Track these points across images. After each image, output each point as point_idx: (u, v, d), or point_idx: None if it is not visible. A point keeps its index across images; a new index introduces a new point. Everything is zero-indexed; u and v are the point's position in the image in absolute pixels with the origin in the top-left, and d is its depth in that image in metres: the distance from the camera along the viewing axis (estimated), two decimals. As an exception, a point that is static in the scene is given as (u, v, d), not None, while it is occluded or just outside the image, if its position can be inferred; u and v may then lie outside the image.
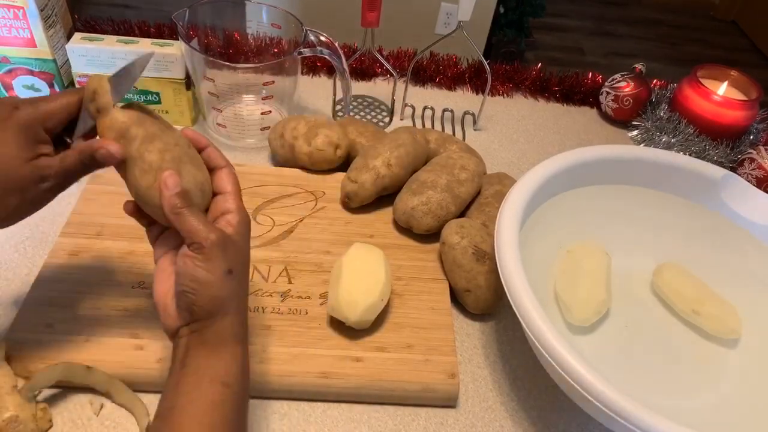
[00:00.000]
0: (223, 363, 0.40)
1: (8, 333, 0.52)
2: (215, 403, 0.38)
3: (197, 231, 0.40)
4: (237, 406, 0.40)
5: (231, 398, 0.39)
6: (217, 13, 0.78)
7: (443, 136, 0.76)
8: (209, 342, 0.40)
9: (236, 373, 0.41)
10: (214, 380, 0.39)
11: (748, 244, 0.63)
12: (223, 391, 0.39)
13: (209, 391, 0.39)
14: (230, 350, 0.41)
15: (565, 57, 2.73)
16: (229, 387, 0.39)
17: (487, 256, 0.60)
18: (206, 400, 0.38)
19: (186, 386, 0.39)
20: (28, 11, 0.67)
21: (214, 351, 0.40)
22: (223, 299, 0.41)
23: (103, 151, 0.41)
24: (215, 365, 0.40)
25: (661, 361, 0.59)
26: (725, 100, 0.86)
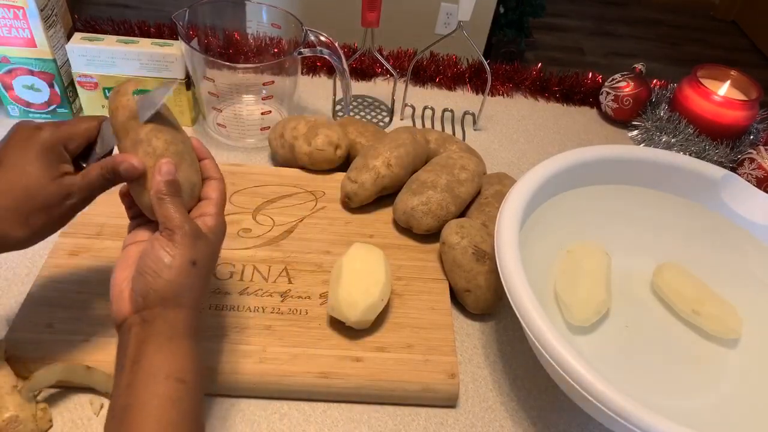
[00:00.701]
0: (177, 359, 0.39)
1: (8, 333, 0.52)
2: (172, 400, 0.38)
3: (173, 218, 0.42)
4: (194, 402, 0.39)
5: (187, 394, 0.39)
6: (217, 13, 0.78)
7: (443, 136, 0.76)
8: (161, 334, 0.40)
9: (191, 369, 0.40)
10: (169, 376, 0.38)
11: (748, 244, 0.63)
12: (179, 387, 0.38)
13: (165, 388, 0.38)
14: (183, 345, 0.40)
15: (565, 57, 2.73)
16: (184, 383, 0.39)
17: (487, 256, 0.60)
18: (163, 397, 0.37)
19: (140, 383, 0.38)
20: (28, 11, 0.67)
21: (167, 345, 0.39)
22: (181, 288, 0.41)
23: (126, 165, 0.42)
24: (169, 360, 0.39)
25: (661, 361, 0.59)
26: (725, 100, 0.86)
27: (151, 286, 0.40)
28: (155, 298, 0.40)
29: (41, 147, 0.42)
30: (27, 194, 0.41)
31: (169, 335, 0.40)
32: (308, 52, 0.74)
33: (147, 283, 0.40)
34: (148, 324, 0.40)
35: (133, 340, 0.40)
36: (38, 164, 0.41)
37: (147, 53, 0.72)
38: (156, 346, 0.39)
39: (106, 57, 0.72)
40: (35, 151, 0.42)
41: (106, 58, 0.72)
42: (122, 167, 0.42)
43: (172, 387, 0.38)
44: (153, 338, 0.39)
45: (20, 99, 0.75)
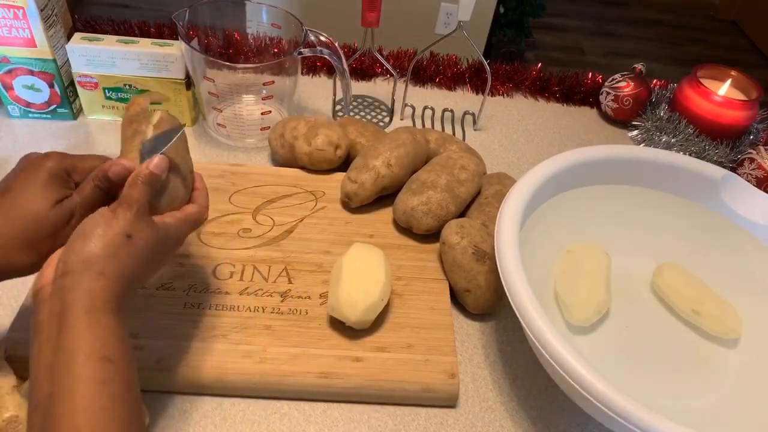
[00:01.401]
0: (98, 334, 0.36)
1: (8, 333, 0.52)
2: (100, 383, 0.34)
3: (130, 196, 0.41)
4: (125, 384, 0.36)
5: (117, 375, 0.35)
6: (217, 13, 0.78)
7: (443, 136, 0.76)
8: (78, 303, 0.36)
9: (114, 345, 0.36)
10: (92, 355, 0.35)
11: (748, 244, 0.63)
12: (106, 368, 0.35)
13: (89, 370, 0.34)
14: (104, 319, 0.37)
15: (565, 57, 2.73)
16: (111, 362, 0.35)
17: (487, 256, 0.60)
18: (89, 380, 0.34)
19: (62, 365, 0.34)
20: (28, 11, 0.67)
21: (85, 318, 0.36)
22: (106, 257, 0.38)
23: (115, 168, 0.43)
24: (89, 336, 0.35)
25: (661, 361, 0.59)
26: (725, 100, 0.86)
27: (75, 248, 0.38)
28: (76, 261, 0.37)
29: (47, 174, 0.43)
30: (35, 222, 0.42)
31: (87, 306, 0.36)
32: (308, 52, 0.74)
33: (72, 247, 0.38)
34: (64, 291, 0.37)
35: (48, 311, 0.37)
36: (44, 191, 0.42)
37: (147, 53, 0.72)
38: (73, 317, 0.36)
39: (106, 57, 0.72)
40: (41, 178, 0.43)
41: (106, 58, 0.72)
42: (111, 171, 0.43)
43: (98, 367, 0.35)
44: (70, 309, 0.36)
45: (20, 99, 0.75)
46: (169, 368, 0.51)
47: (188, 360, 0.52)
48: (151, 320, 0.54)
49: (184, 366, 0.51)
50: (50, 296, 0.37)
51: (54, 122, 0.78)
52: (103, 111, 0.78)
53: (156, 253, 0.42)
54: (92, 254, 0.38)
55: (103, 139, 0.77)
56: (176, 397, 0.52)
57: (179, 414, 0.51)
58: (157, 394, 0.51)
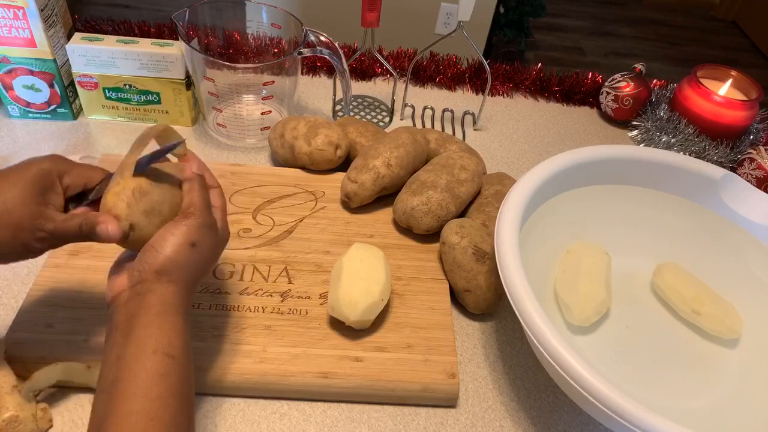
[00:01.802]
0: (166, 333, 0.40)
1: (8, 333, 0.52)
2: (161, 375, 0.38)
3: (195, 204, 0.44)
4: (182, 378, 0.40)
5: (176, 370, 0.39)
6: (217, 13, 0.78)
7: (443, 136, 0.76)
8: (152, 307, 0.40)
9: (179, 344, 0.40)
10: (157, 351, 0.39)
11: (747, 244, 0.63)
12: (167, 362, 0.39)
13: (153, 363, 0.38)
14: (172, 320, 0.41)
15: (565, 57, 2.73)
16: (173, 358, 0.39)
17: (487, 256, 0.60)
18: (151, 371, 0.38)
19: (130, 357, 0.38)
20: (28, 11, 0.67)
21: (156, 319, 0.40)
22: (176, 265, 0.42)
23: (103, 227, 0.42)
24: (157, 336, 0.40)
25: (661, 361, 0.59)
26: (725, 100, 0.86)
27: (148, 259, 0.42)
28: (150, 272, 0.41)
29: (39, 170, 0.42)
30: (5, 207, 0.40)
31: (159, 309, 0.40)
32: (308, 52, 0.74)
33: (145, 258, 0.42)
34: (140, 297, 0.41)
35: (124, 314, 0.41)
36: (26, 185, 0.41)
37: (147, 53, 0.72)
38: (146, 319, 0.40)
39: (106, 57, 0.72)
40: (30, 173, 0.42)
41: (106, 58, 0.72)
42: (99, 228, 0.42)
43: (161, 361, 0.39)
44: (143, 311, 0.40)
45: (20, 99, 0.75)
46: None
47: (188, 360, 0.52)
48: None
49: (184, 366, 0.51)
50: (127, 301, 0.41)
51: (54, 122, 0.78)
52: (103, 111, 0.78)
53: (215, 253, 0.46)
54: (163, 264, 0.42)
55: (103, 139, 0.77)
56: (176, 397, 0.52)
57: (179, 414, 0.51)
58: (157, 394, 0.51)
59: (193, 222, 0.43)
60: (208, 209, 0.45)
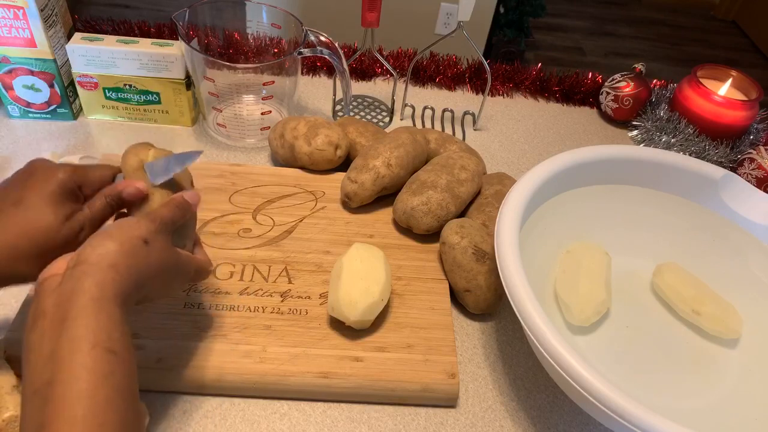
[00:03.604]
0: (103, 325, 0.36)
1: (8, 333, 0.52)
2: (104, 374, 0.34)
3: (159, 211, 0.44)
4: (127, 378, 0.36)
5: (120, 368, 0.35)
6: (217, 13, 0.78)
7: (443, 136, 0.76)
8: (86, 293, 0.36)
9: (119, 338, 0.36)
10: (97, 346, 0.35)
11: (747, 244, 0.63)
12: (110, 359, 0.35)
13: (94, 360, 0.34)
14: (110, 310, 0.36)
15: (565, 57, 2.73)
16: (115, 354, 0.35)
17: (487, 256, 0.60)
18: (93, 370, 0.34)
19: (64, 354, 0.34)
20: (28, 11, 0.67)
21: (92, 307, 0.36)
22: (122, 253, 0.39)
23: (130, 189, 0.45)
24: (94, 328, 0.35)
25: (661, 361, 0.59)
26: (725, 100, 0.86)
27: (93, 243, 0.39)
28: (90, 254, 0.38)
29: (59, 188, 0.43)
30: (46, 237, 0.42)
31: (95, 296, 0.36)
32: (308, 52, 0.74)
33: (92, 241, 0.39)
34: (74, 280, 0.37)
35: (54, 298, 0.37)
36: (55, 207, 0.43)
37: (147, 53, 0.72)
38: (81, 308, 0.36)
39: (106, 57, 0.72)
40: (53, 192, 0.43)
41: (106, 58, 0.72)
42: (126, 191, 0.45)
43: (102, 359, 0.35)
44: (77, 297, 0.36)
45: (20, 99, 0.75)
46: (169, 368, 0.51)
47: (188, 360, 0.52)
48: (151, 320, 0.54)
49: (184, 366, 0.51)
50: (59, 285, 0.37)
51: (54, 122, 0.78)
52: (103, 111, 0.78)
53: (166, 272, 0.43)
54: (107, 249, 0.38)
55: (103, 139, 0.77)
56: (176, 397, 0.52)
57: (179, 414, 0.51)
58: (157, 394, 0.51)
59: (151, 226, 0.42)
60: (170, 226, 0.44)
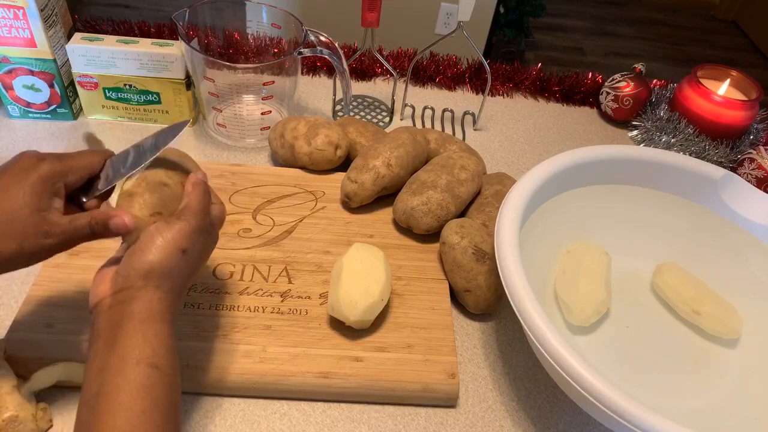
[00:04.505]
0: (150, 343, 0.38)
1: (8, 333, 0.52)
2: (145, 387, 0.37)
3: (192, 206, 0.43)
4: (168, 389, 0.38)
5: (161, 380, 0.38)
6: (217, 13, 0.78)
7: (443, 136, 0.76)
8: (135, 315, 0.39)
9: (164, 354, 0.39)
10: (140, 361, 0.37)
11: (747, 244, 0.63)
12: (152, 374, 0.37)
13: (136, 374, 0.37)
14: (157, 329, 0.39)
15: (565, 57, 2.73)
16: (158, 369, 0.38)
17: (487, 256, 0.60)
18: (134, 384, 0.36)
19: (112, 368, 0.37)
20: (28, 11, 0.67)
21: (140, 328, 0.38)
22: (162, 271, 0.40)
23: (117, 220, 0.42)
24: (141, 345, 0.38)
25: (661, 361, 0.59)
26: (725, 100, 0.86)
27: (135, 264, 0.40)
28: (136, 277, 0.40)
29: (38, 177, 0.41)
30: (6, 219, 0.40)
31: (143, 317, 0.39)
32: (308, 52, 0.74)
33: (132, 262, 0.40)
34: (123, 304, 0.39)
35: (106, 322, 0.39)
36: (28, 193, 0.40)
37: (147, 53, 0.72)
38: (130, 327, 0.38)
39: (106, 57, 0.72)
40: (31, 180, 0.41)
41: (106, 58, 0.72)
42: (113, 222, 0.42)
43: (144, 373, 0.37)
44: (126, 319, 0.38)
45: (20, 99, 0.75)
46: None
47: (188, 360, 0.52)
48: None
49: (184, 366, 0.51)
50: (109, 308, 0.39)
51: (54, 122, 0.78)
52: (103, 111, 0.78)
53: (203, 258, 0.45)
54: (151, 270, 0.40)
55: (103, 140, 0.77)
56: (176, 397, 0.52)
57: (179, 414, 0.51)
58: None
59: (185, 226, 0.42)
60: (204, 214, 0.44)
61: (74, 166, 0.44)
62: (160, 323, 0.40)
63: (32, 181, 0.41)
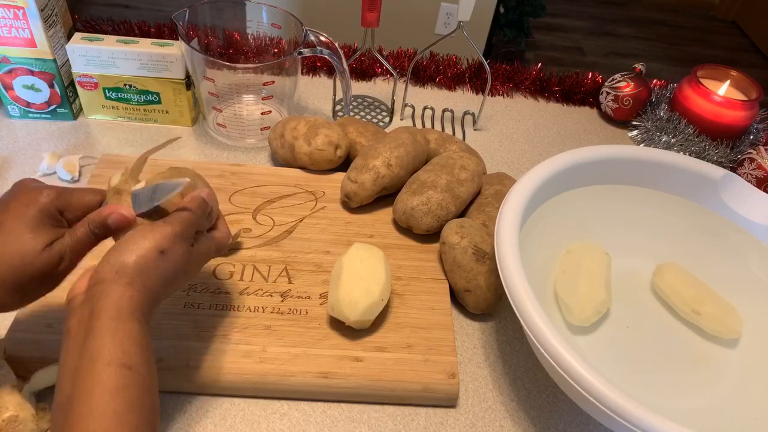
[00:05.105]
0: (120, 342, 0.37)
1: (8, 333, 0.52)
2: (117, 389, 0.36)
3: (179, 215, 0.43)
4: (142, 389, 0.37)
5: (134, 381, 0.37)
6: (217, 13, 0.78)
7: (443, 136, 0.76)
8: (105, 312, 0.38)
9: (136, 353, 0.38)
10: (112, 362, 0.36)
11: (747, 244, 0.63)
12: (124, 374, 0.36)
13: (109, 375, 0.36)
14: (128, 327, 0.38)
15: (565, 57, 2.73)
16: (130, 369, 0.37)
17: (487, 256, 0.60)
18: (107, 385, 0.36)
19: (83, 371, 0.36)
20: (28, 11, 0.67)
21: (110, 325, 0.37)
22: (138, 268, 0.40)
23: (115, 216, 0.42)
24: (110, 345, 0.37)
25: (661, 361, 0.59)
26: (725, 100, 0.86)
27: (109, 258, 0.40)
28: (108, 271, 0.39)
29: (39, 212, 0.41)
30: (23, 263, 0.40)
31: (113, 314, 0.38)
32: (308, 52, 0.74)
33: (109, 257, 0.40)
34: (94, 299, 0.38)
35: (77, 318, 0.38)
36: (34, 233, 0.41)
37: (147, 53, 0.72)
38: (99, 324, 0.37)
39: (106, 57, 0.72)
40: (33, 217, 0.41)
41: (106, 58, 0.72)
42: (111, 218, 0.42)
43: (116, 374, 0.36)
44: (95, 316, 0.38)
45: (20, 99, 0.75)
46: (169, 368, 0.51)
47: (188, 360, 0.52)
48: (151, 320, 0.54)
49: (184, 366, 0.51)
50: (81, 304, 0.39)
51: (54, 122, 0.78)
52: (103, 111, 0.78)
53: (185, 271, 0.44)
54: (124, 265, 0.39)
55: (102, 140, 0.77)
56: (176, 397, 0.52)
57: (179, 414, 0.51)
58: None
59: (167, 229, 0.41)
60: (191, 225, 0.43)
61: (73, 204, 0.44)
62: (131, 321, 0.38)
63: (35, 217, 0.41)
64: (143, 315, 0.40)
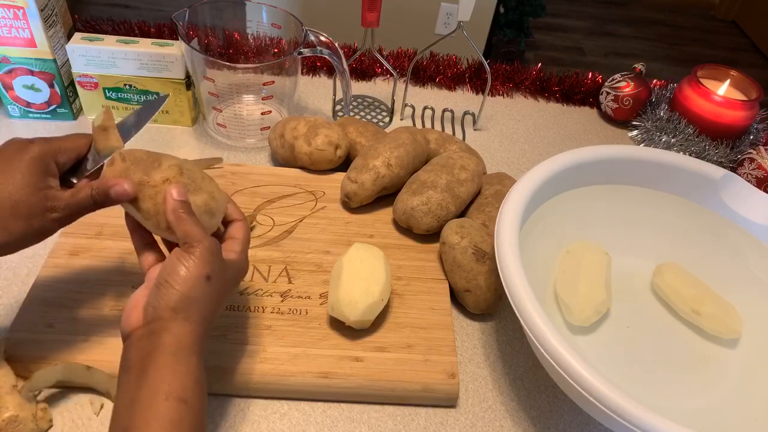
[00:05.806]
0: (179, 376, 0.39)
1: (8, 333, 0.52)
2: (173, 422, 0.37)
3: (193, 233, 0.42)
4: (195, 423, 0.39)
5: (189, 415, 0.38)
6: (217, 13, 0.78)
7: (443, 136, 0.76)
8: (166, 348, 0.39)
9: (193, 388, 0.39)
10: (170, 396, 0.38)
11: (747, 244, 0.63)
12: (180, 408, 0.38)
13: (166, 410, 0.37)
14: (187, 361, 0.40)
15: (565, 57, 2.73)
16: (186, 403, 0.38)
17: (487, 256, 0.60)
18: (164, 419, 0.37)
19: (142, 403, 0.37)
20: (28, 11, 0.67)
21: (170, 360, 0.39)
22: (191, 302, 0.41)
23: (117, 188, 0.43)
24: (170, 380, 0.38)
25: (662, 361, 0.59)
26: (725, 100, 0.86)
27: (163, 296, 0.41)
28: (165, 309, 0.40)
29: (30, 158, 0.42)
30: (10, 201, 0.41)
31: (173, 350, 0.39)
32: (308, 52, 0.74)
33: (160, 294, 0.41)
34: (154, 336, 0.40)
35: (137, 353, 0.40)
36: (26, 174, 0.42)
37: (147, 53, 0.72)
38: (160, 361, 0.39)
39: (106, 57, 0.72)
40: (24, 161, 0.42)
41: (106, 58, 0.72)
42: (113, 190, 0.43)
43: (173, 408, 0.37)
44: (157, 352, 0.39)
45: (20, 99, 0.75)
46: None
47: (188, 360, 0.52)
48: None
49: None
50: (140, 339, 0.40)
51: (54, 122, 0.78)
52: (103, 111, 0.78)
53: (228, 291, 0.45)
54: (178, 301, 0.40)
55: (103, 139, 0.77)
56: (176, 397, 0.52)
57: (179, 414, 0.51)
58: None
59: (204, 254, 0.42)
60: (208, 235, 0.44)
61: (63, 148, 0.45)
62: (189, 355, 0.40)
63: (26, 162, 0.42)
64: (200, 347, 0.41)
